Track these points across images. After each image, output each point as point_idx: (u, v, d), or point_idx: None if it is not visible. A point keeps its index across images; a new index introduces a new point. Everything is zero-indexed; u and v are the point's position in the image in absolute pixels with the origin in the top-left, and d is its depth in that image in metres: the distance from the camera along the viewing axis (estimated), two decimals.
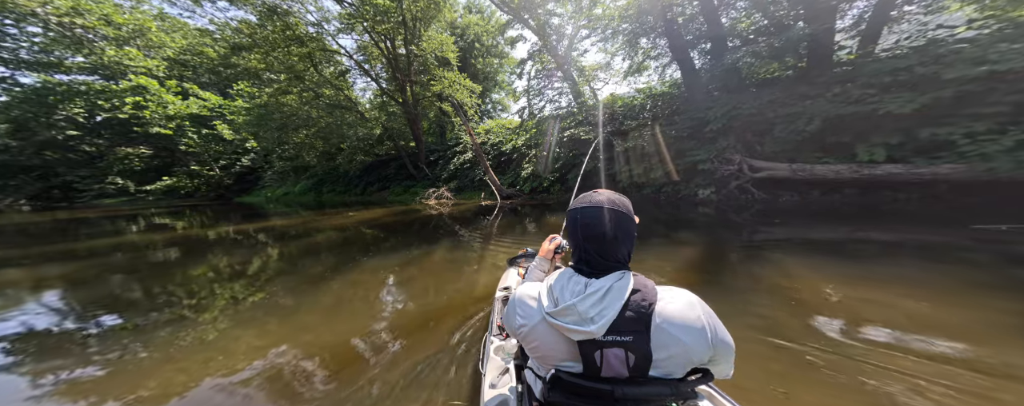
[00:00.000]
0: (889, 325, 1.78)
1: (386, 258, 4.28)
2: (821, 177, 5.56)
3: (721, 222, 5.23)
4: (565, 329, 0.63)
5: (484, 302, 2.46)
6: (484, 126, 14.68)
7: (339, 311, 2.61)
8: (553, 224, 6.03)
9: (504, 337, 1.28)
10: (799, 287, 2.37)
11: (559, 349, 0.66)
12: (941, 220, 4.13)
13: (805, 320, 1.90)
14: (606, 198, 0.70)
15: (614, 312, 0.61)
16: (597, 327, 0.60)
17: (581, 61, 10.14)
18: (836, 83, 6.01)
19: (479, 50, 20.16)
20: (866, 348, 1.59)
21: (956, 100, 4.48)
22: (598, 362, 0.62)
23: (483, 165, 10.95)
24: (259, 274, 3.87)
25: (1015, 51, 4.10)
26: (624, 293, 0.63)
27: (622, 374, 0.62)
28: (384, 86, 14.66)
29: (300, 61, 12.57)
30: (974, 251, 2.96)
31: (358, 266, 3.87)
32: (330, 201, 15.40)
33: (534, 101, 10.87)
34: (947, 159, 4.42)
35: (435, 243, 5.06)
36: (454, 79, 12.03)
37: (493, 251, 4.47)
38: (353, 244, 5.57)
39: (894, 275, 2.51)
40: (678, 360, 0.62)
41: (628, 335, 0.61)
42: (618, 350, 0.61)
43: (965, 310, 1.91)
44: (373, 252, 4.79)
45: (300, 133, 15.69)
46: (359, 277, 3.40)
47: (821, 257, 3.03)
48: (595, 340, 0.61)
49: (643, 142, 7.87)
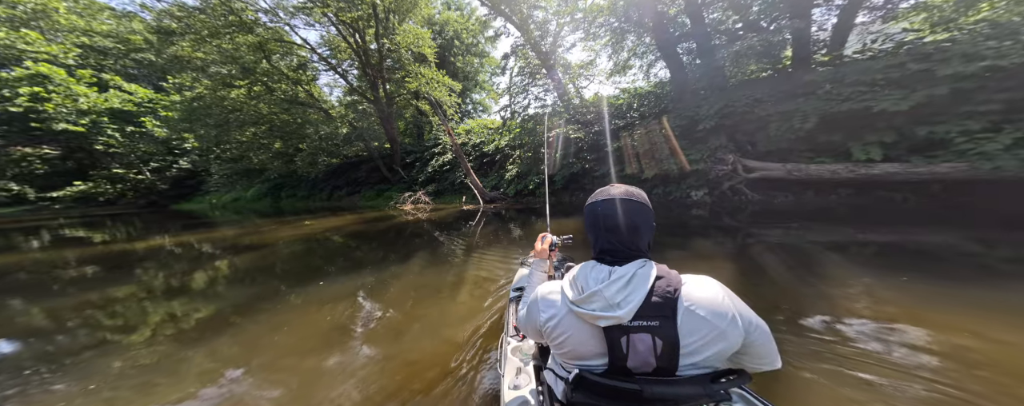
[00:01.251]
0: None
1: (351, 276, 3.59)
2: (817, 177, 5.40)
3: (719, 226, 4.93)
4: (591, 316, 0.63)
5: (470, 322, 2.18)
6: (465, 126, 13.97)
7: (315, 335, 2.22)
8: (543, 228, 5.46)
9: (521, 338, 1.27)
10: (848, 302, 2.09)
11: (585, 340, 0.65)
12: (943, 220, 4.00)
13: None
14: (622, 191, 0.73)
15: (640, 297, 0.61)
16: (624, 312, 0.61)
17: (566, 57, 9.78)
18: (825, 81, 5.96)
19: (458, 48, 19.51)
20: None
21: (952, 97, 4.41)
22: (624, 349, 0.61)
23: (464, 167, 10.27)
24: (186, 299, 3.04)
25: (1008, 48, 4.05)
26: (649, 279, 0.63)
27: (649, 362, 0.61)
28: (353, 82, 13.56)
29: (249, 51, 11.28)
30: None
31: (322, 285, 3.28)
32: (290, 207, 14.12)
33: (517, 99, 10.36)
34: (944, 158, 4.31)
35: (410, 254, 4.45)
36: (432, 76, 11.26)
37: (477, 261, 3.92)
38: (310, 258, 4.75)
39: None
40: (712, 346, 0.61)
41: (655, 320, 0.61)
42: (645, 335, 0.61)
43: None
44: (336, 269, 4.06)
45: (246, 131, 14.00)
46: (325, 297, 2.93)
47: (874, 270, 2.63)
48: (622, 326, 0.61)
49: (632, 141, 7.54)
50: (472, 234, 6.05)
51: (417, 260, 4.12)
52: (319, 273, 3.76)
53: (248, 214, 12.17)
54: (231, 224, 9.57)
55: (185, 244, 6.48)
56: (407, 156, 14.45)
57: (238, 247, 5.85)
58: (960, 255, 2.88)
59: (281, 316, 2.57)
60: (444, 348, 1.89)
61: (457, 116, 13.12)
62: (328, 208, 12.32)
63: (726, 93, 7.00)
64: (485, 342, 1.90)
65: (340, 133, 14.58)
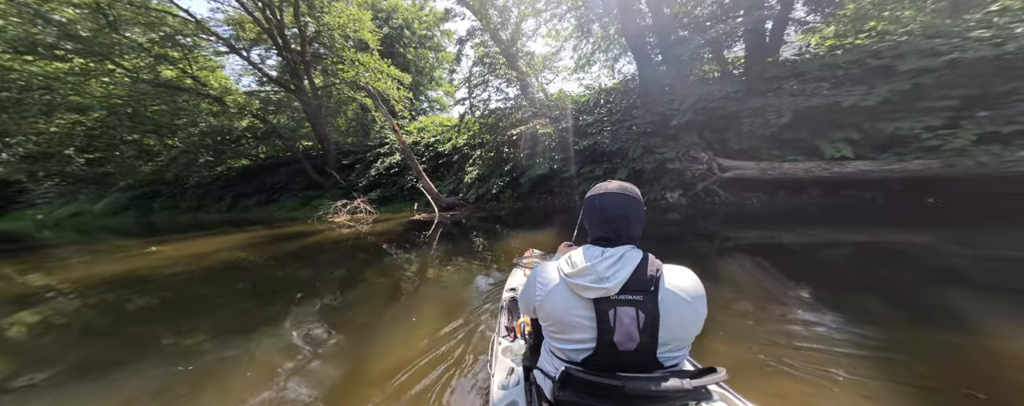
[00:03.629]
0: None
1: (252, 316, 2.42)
2: (791, 176, 5.25)
3: (699, 233, 4.48)
4: (582, 287, 0.72)
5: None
6: (417, 124, 12.45)
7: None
8: (514, 245, 4.48)
9: (512, 339, 1.30)
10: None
11: (575, 312, 0.74)
12: (918, 219, 3.94)
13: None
14: (617, 186, 0.84)
15: (627, 274, 0.72)
16: (612, 284, 0.70)
17: (528, 46, 8.98)
18: (786, 78, 5.95)
19: (409, 39, 17.87)
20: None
21: (913, 94, 4.42)
22: (612, 322, 0.70)
23: (415, 169, 8.90)
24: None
25: (968, 43, 4.11)
26: (635, 260, 0.74)
27: (632, 335, 0.69)
28: (266, 68, 11.21)
29: (82, 18, 8.47)
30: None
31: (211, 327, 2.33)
32: (169, 222, 11.15)
33: (476, 92, 9.30)
34: (915, 155, 4.28)
35: (340, 280, 3.38)
36: (374, 65, 9.66)
37: (432, 290, 2.99)
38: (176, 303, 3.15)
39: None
40: (686, 325, 0.72)
41: (639, 295, 0.71)
42: (630, 308, 0.70)
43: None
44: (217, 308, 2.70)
45: (58, 118, 10.02)
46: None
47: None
48: (609, 299, 0.71)
49: (604, 138, 6.96)
50: (425, 249, 4.84)
51: (351, 288, 3.14)
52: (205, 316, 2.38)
53: (100, 233, 9.20)
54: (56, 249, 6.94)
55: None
56: (345, 157, 12.47)
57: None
58: (938, 257, 2.89)
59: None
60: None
61: (407, 112, 11.59)
62: (231, 222, 9.93)
63: (692, 88, 6.77)
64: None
65: (235, 128, 11.85)
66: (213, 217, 11.71)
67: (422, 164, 10.66)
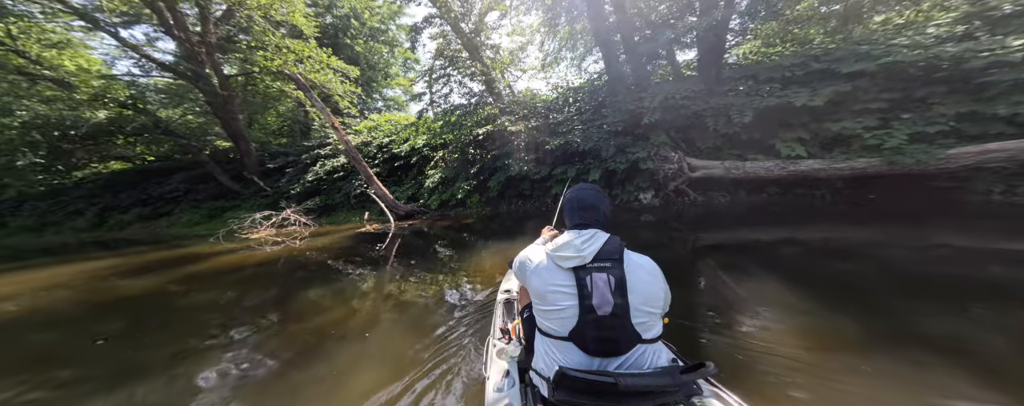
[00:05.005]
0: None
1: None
2: (753, 175, 5.46)
3: (678, 237, 4.32)
4: (562, 258, 0.92)
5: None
6: (368, 122, 11.15)
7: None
8: (486, 256, 3.90)
9: (507, 341, 1.34)
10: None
11: (558, 281, 0.91)
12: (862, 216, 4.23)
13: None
14: (587, 184, 1.14)
15: (597, 247, 0.92)
16: (587, 253, 0.90)
17: (492, 37, 8.47)
18: (739, 79, 6.28)
19: (358, 30, 16.22)
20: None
21: (850, 95, 4.82)
22: (589, 286, 0.86)
23: (363, 172, 7.83)
24: None
25: (893, 48, 4.55)
26: (603, 238, 0.95)
27: (607, 298, 0.85)
28: (139, 46, 8.98)
29: None
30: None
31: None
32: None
33: (437, 86, 8.50)
34: (859, 154, 4.64)
35: (247, 323, 2.49)
36: (308, 53, 8.30)
37: (392, 318, 2.43)
38: None
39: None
40: (650, 290, 0.91)
41: (608, 262, 0.89)
42: (602, 274, 0.88)
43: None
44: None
45: None
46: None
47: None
48: (585, 266, 0.89)
49: (575, 137, 6.71)
50: (377, 267, 4.02)
51: (285, 320, 2.43)
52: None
53: None
54: None
55: None
56: (272, 160, 10.75)
57: None
58: (890, 251, 3.05)
59: None
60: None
61: (355, 109, 10.29)
62: (98, 242, 7.68)
63: (658, 87, 6.86)
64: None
65: (86, 120, 9.24)
66: (66, 238, 8.92)
67: (375, 168, 9.53)
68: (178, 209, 9.61)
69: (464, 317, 2.28)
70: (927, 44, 4.70)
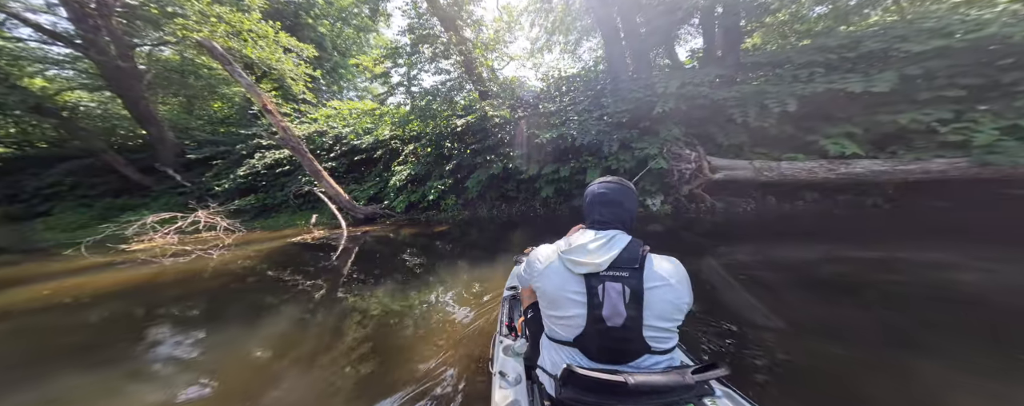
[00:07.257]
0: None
1: None
2: (790, 178, 4.40)
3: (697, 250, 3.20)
4: (575, 262, 0.82)
5: None
6: (326, 110, 9.56)
7: None
8: (461, 271, 2.63)
9: (513, 338, 1.30)
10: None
11: (568, 286, 0.83)
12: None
13: None
14: (616, 178, 0.98)
15: (615, 253, 0.81)
16: (601, 261, 0.80)
17: (473, 10, 7.11)
18: (767, 65, 5.26)
19: (323, 9, 14.46)
20: None
21: (922, 80, 3.82)
22: (600, 296, 0.79)
23: (309, 167, 6.34)
24: None
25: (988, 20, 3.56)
26: (624, 242, 0.84)
27: (619, 310, 0.77)
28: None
29: None
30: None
31: None
32: None
33: (406, 68, 7.09)
34: (933, 152, 3.64)
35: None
36: (248, 26, 6.68)
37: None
38: None
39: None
40: (669, 305, 0.79)
41: (625, 271, 0.79)
42: (617, 284, 0.79)
43: None
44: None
45: None
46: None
47: None
48: (598, 275, 0.80)
49: (570, 130, 5.50)
50: (325, 290, 2.69)
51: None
52: None
53: None
54: None
55: None
56: (198, 150, 9.03)
57: None
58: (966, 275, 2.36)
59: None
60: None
61: (311, 94, 8.71)
62: None
63: (673, 73, 5.75)
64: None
65: None
66: None
67: (331, 162, 8.03)
68: (61, 207, 7.71)
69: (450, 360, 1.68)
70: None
